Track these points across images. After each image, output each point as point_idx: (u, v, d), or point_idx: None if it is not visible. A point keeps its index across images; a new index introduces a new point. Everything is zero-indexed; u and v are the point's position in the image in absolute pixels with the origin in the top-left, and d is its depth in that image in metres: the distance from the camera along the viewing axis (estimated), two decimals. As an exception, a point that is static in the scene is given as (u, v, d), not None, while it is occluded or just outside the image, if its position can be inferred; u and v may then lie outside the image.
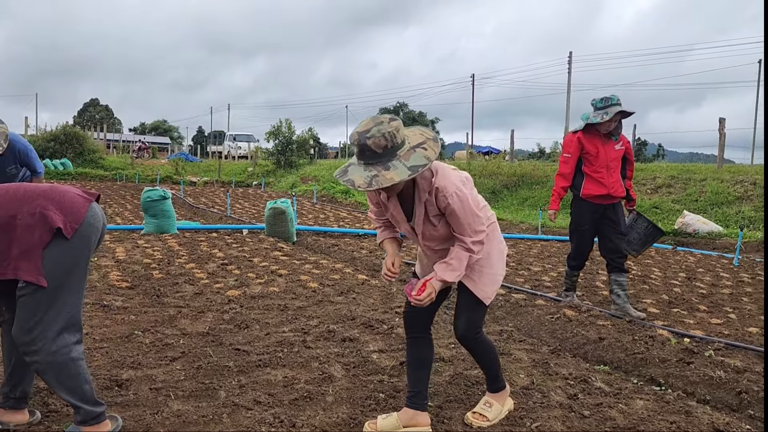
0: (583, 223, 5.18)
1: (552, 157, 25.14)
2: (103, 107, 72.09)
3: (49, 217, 2.33)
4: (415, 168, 2.38)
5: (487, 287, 2.76)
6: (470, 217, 2.57)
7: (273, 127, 27.87)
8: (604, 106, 4.94)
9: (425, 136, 2.51)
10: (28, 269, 2.29)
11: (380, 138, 2.36)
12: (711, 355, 3.91)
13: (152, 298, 5.17)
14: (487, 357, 2.91)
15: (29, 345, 2.33)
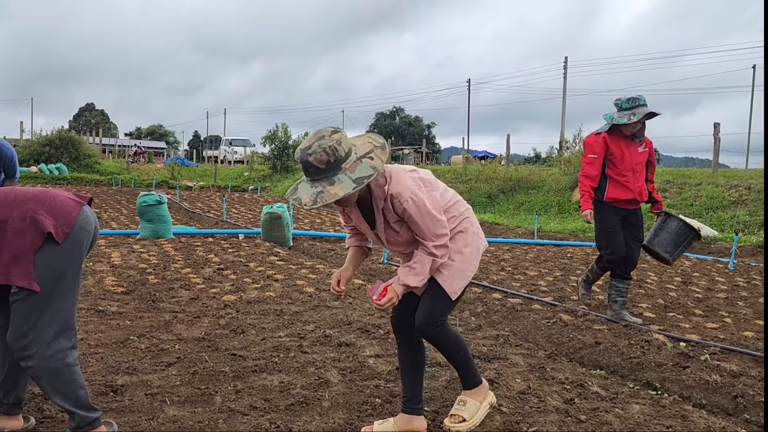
0: (611, 224, 4.93)
1: (548, 162, 25.18)
2: (99, 112, 71.99)
3: (40, 221, 2.31)
4: (360, 180, 2.35)
5: (454, 282, 2.66)
6: (429, 222, 2.51)
7: (269, 132, 27.92)
8: (630, 106, 4.76)
9: (373, 144, 2.47)
10: (19, 275, 2.28)
11: (321, 153, 2.33)
12: (707, 360, 3.92)
13: (148, 303, 5.15)
14: (455, 351, 2.78)
15: (23, 350, 2.32)
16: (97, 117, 67.87)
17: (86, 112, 70.98)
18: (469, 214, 2.76)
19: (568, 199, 15.92)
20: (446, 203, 2.66)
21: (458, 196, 2.77)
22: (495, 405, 2.96)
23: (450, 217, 2.65)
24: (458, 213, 2.69)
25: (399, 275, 2.59)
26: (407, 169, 2.62)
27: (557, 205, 15.83)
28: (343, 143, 2.38)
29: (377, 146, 2.46)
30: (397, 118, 67.48)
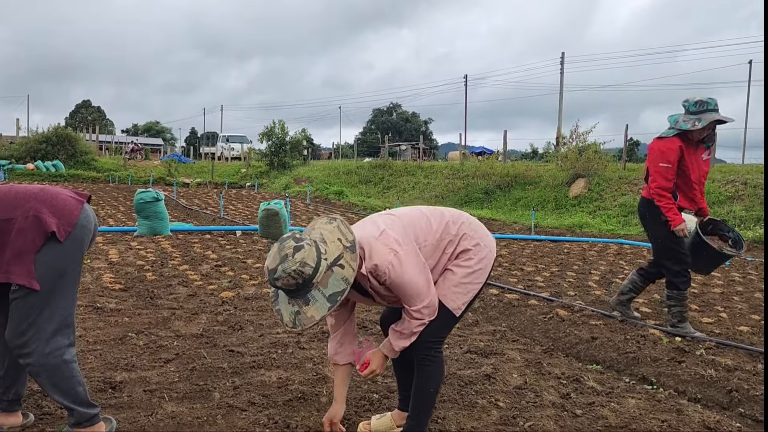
0: (679, 239, 4.48)
1: (545, 158, 25.21)
2: (95, 108, 71.75)
3: (43, 220, 2.31)
4: (334, 297, 2.22)
5: (457, 297, 2.51)
6: (409, 286, 2.36)
7: (266, 128, 27.87)
8: (697, 110, 4.35)
9: (342, 244, 2.28)
10: (20, 273, 2.28)
11: (287, 278, 2.19)
12: (702, 354, 3.95)
13: (146, 300, 5.16)
14: (432, 385, 2.52)
15: (22, 348, 2.33)
16: (94, 114, 67.63)
17: (83, 109, 70.73)
18: (467, 229, 2.56)
19: (565, 194, 15.96)
20: (436, 235, 2.50)
21: (447, 215, 2.59)
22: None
23: (447, 242, 2.52)
24: (453, 234, 2.53)
25: (390, 339, 2.50)
26: (378, 231, 2.41)
27: (554, 201, 15.87)
28: (309, 258, 2.19)
29: (347, 247, 2.28)
30: (394, 114, 67.42)
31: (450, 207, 2.85)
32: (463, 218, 2.61)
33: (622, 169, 16.97)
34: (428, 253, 2.48)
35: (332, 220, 2.39)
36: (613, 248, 9.79)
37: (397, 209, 2.64)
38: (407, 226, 2.48)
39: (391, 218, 2.51)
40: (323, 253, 2.25)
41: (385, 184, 21.98)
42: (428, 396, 2.52)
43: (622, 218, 13.54)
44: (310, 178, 23.89)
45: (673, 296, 4.52)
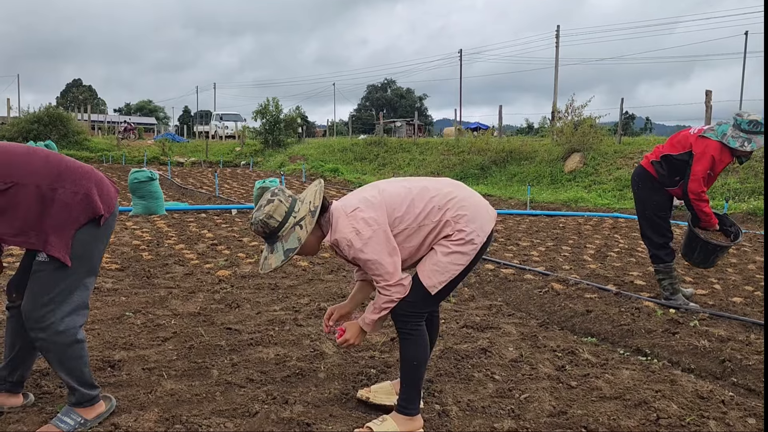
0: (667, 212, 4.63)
1: (540, 132, 25.14)
2: (87, 88, 71.07)
3: (94, 201, 2.35)
4: (288, 253, 2.39)
5: (434, 275, 2.48)
6: (371, 265, 2.42)
7: (260, 106, 27.67)
8: (750, 130, 4.25)
9: (309, 207, 2.42)
10: (58, 245, 2.28)
11: (257, 225, 2.42)
12: (696, 326, 3.99)
13: (142, 279, 5.17)
14: (411, 358, 2.53)
15: (38, 321, 2.32)
16: (85, 93, 66.96)
17: (74, 89, 70.05)
18: (452, 214, 2.49)
19: (561, 169, 15.96)
20: (417, 219, 2.48)
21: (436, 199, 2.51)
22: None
23: (429, 228, 2.48)
24: (435, 220, 2.49)
25: (365, 311, 2.57)
26: (351, 207, 2.46)
27: (549, 176, 15.87)
28: (277, 213, 2.39)
29: (311, 211, 2.42)
30: (388, 90, 67.00)
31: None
32: (453, 200, 2.51)
33: (617, 143, 16.95)
34: (407, 235, 2.49)
35: (317, 183, 2.54)
36: (608, 222, 9.83)
37: (388, 183, 2.62)
38: (387, 206, 2.48)
39: (374, 194, 2.52)
40: (295, 211, 2.42)
41: (381, 161, 21.92)
42: (412, 369, 2.54)
43: (617, 192, 13.57)
44: (305, 156, 23.80)
45: (660, 270, 4.59)
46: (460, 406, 2.82)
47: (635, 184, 4.76)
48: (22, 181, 2.24)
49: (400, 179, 2.69)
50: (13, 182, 2.22)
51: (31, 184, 2.26)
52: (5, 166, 2.24)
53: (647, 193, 4.62)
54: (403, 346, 2.56)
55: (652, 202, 4.60)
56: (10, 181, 2.22)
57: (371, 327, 2.58)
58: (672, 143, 4.56)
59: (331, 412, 2.72)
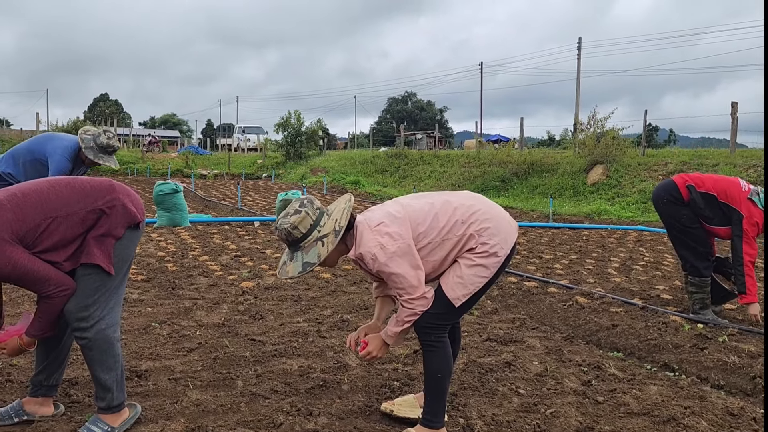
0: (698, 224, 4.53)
1: (562, 144, 24.98)
2: (113, 102, 72.37)
3: (130, 210, 2.53)
4: (306, 266, 2.41)
5: (457, 288, 2.49)
6: (395, 279, 2.41)
7: (282, 119, 27.91)
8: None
9: (335, 227, 2.43)
10: (101, 256, 2.44)
11: (279, 232, 2.45)
12: (725, 341, 3.91)
13: (167, 290, 5.23)
14: (435, 371, 2.53)
15: (83, 321, 2.44)
16: (111, 107, 68.14)
17: (100, 103, 71.35)
18: (476, 227, 2.50)
19: (583, 181, 15.83)
20: (441, 233, 2.48)
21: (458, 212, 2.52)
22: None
23: (454, 241, 2.49)
24: (459, 234, 2.49)
25: (388, 324, 2.56)
26: (376, 221, 2.46)
27: (572, 188, 15.75)
28: (302, 225, 2.41)
29: (335, 231, 2.43)
30: (409, 102, 67.19)
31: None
32: (478, 214, 2.52)
33: (641, 155, 16.78)
34: (431, 249, 2.50)
35: (348, 201, 2.53)
36: (632, 235, 9.71)
37: (411, 199, 2.63)
38: (411, 220, 2.49)
39: (398, 209, 2.52)
40: (321, 225, 2.44)
41: (401, 173, 21.95)
42: (436, 381, 2.54)
43: (641, 205, 13.41)
44: (327, 168, 23.93)
45: (695, 283, 4.49)
46: (485, 420, 2.79)
47: (659, 198, 4.65)
48: (59, 214, 2.40)
49: (422, 194, 2.70)
50: (51, 217, 2.38)
51: (68, 213, 2.41)
52: (39, 205, 2.38)
53: (675, 208, 4.53)
54: (427, 358, 2.55)
55: (681, 215, 4.51)
56: (49, 217, 2.38)
57: (394, 340, 2.58)
58: (718, 186, 4.45)
59: (355, 425, 2.71)
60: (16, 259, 2.28)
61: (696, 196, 4.45)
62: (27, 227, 2.32)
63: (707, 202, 4.43)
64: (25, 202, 2.35)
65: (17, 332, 2.44)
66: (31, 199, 2.37)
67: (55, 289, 2.38)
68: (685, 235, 4.53)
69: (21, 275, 2.31)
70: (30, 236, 2.33)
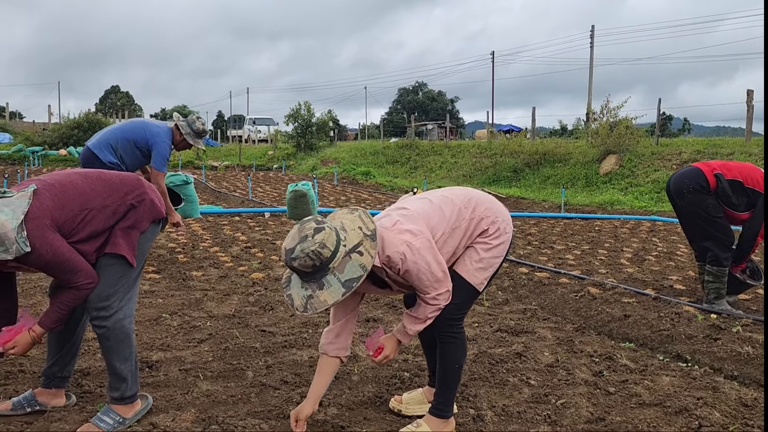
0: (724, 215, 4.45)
1: (575, 134, 24.78)
2: (124, 94, 72.69)
3: (156, 206, 2.61)
4: (350, 283, 2.20)
5: (479, 273, 2.52)
6: (423, 275, 2.35)
7: (292, 110, 27.90)
8: None
9: (363, 232, 2.28)
10: (126, 247, 2.50)
11: (305, 258, 2.17)
12: (739, 331, 3.87)
13: (178, 281, 5.25)
14: (456, 361, 2.52)
15: (103, 310, 2.48)
16: (123, 99, 68.54)
17: (112, 95, 71.73)
18: (480, 211, 2.54)
19: (596, 171, 15.71)
20: (449, 223, 2.49)
21: (458, 201, 2.55)
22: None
23: (463, 228, 2.50)
24: (467, 219, 2.51)
25: (404, 323, 2.50)
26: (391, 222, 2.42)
27: (584, 178, 15.63)
28: (329, 241, 2.20)
29: (367, 236, 2.28)
30: (420, 93, 66.92)
31: (477, 187, 2.81)
32: (475, 199, 2.57)
33: (654, 144, 16.61)
34: (444, 240, 2.48)
35: (353, 210, 2.40)
36: (645, 225, 9.63)
37: (409, 203, 2.59)
38: (421, 217, 2.46)
39: (404, 211, 2.50)
40: (342, 240, 2.25)
41: (412, 164, 21.90)
42: (453, 372, 2.53)
43: (655, 194, 13.28)
44: (337, 159, 23.92)
45: (713, 272, 4.42)
46: (495, 410, 2.78)
47: (684, 187, 4.47)
48: (94, 206, 2.45)
49: (411, 198, 2.67)
50: (87, 209, 2.43)
51: (102, 205, 2.47)
52: (77, 197, 2.43)
53: (700, 196, 4.39)
54: (447, 350, 2.52)
55: (707, 205, 4.38)
56: (86, 209, 2.43)
57: (410, 339, 2.55)
58: (744, 172, 4.39)
59: (365, 415, 2.71)
60: (57, 246, 2.31)
61: (725, 183, 4.35)
62: (66, 217, 2.37)
63: (734, 188, 4.36)
64: (63, 193, 2.40)
65: (18, 331, 2.43)
66: (69, 190, 2.42)
67: (84, 280, 2.41)
68: (710, 224, 4.42)
69: (57, 263, 2.33)
70: (68, 226, 2.37)
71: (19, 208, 2.24)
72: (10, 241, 2.19)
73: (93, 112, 31.67)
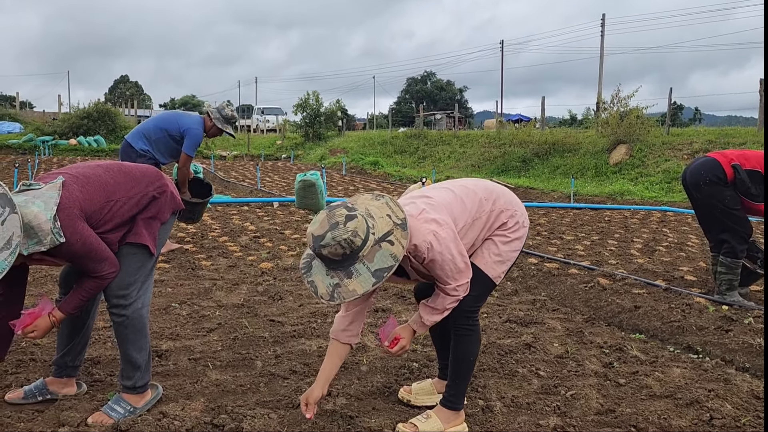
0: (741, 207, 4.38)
1: (584, 124, 24.61)
2: (133, 84, 72.85)
3: (176, 198, 2.68)
4: (381, 273, 2.14)
5: (497, 266, 2.52)
6: (447, 265, 2.32)
7: (300, 100, 27.86)
8: None
9: (393, 221, 2.21)
10: (147, 237, 2.54)
11: (336, 246, 2.09)
12: (750, 323, 3.83)
13: (187, 271, 5.26)
14: (470, 354, 2.51)
15: (122, 299, 2.50)
16: (132, 89, 68.70)
17: (121, 85, 71.91)
18: (501, 204, 2.54)
19: (606, 161, 15.60)
20: (471, 214, 2.47)
21: (480, 192, 2.54)
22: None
23: (483, 220, 2.50)
24: (488, 211, 2.51)
25: (421, 313, 2.46)
26: (417, 210, 2.37)
27: (594, 168, 15.53)
28: (360, 229, 2.12)
29: (398, 225, 2.20)
30: (428, 82, 66.60)
31: (486, 177, 2.79)
32: (496, 192, 2.57)
33: (665, 134, 16.47)
34: (465, 231, 2.46)
35: (379, 197, 2.31)
36: (656, 216, 9.56)
37: (431, 191, 2.56)
38: (444, 207, 2.44)
39: (427, 200, 2.46)
40: (371, 227, 2.17)
41: (420, 153, 21.83)
42: (467, 364, 2.52)
43: (665, 185, 13.19)
44: (345, 149, 23.89)
45: (726, 263, 4.36)
46: (504, 402, 2.77)
47: (700, 178, 4.37)
48: (119, 198, 2.49)
49: (431, 187, 2.65)
50: (113, 201, 2.46)
51: (126, 197, 2.51)
52: (102, 189, 2.46)
53: (717, 188, 4.31)
54: (462, 342, 2.51)
55: (725, 197, 4.30)
56: (111, 200, 2.46)
57: (426, 330, 2.53)
58: (762, 161, 4.29)
59: (374, 405, 2.71)
60: (86, 236, 2.33)
61: (743, 174, 4.26)
62: (93, 208, 2.39)
63: (753, 178, 4.26)
64: (89, 185, 2.42)
65: (38, 315, 2.45)
66: (94, 182, 2.44)
67: (109, 269, 2.43)
68: (727, 217, 4.34)
69: (86, 253, 2.34)
70: (95, 217, 2.39)
71: (51, 200, 2.25)
72: (45, 233, 2.20)
73: (102, 102, 31.73)
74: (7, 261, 2.10)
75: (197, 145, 5.53)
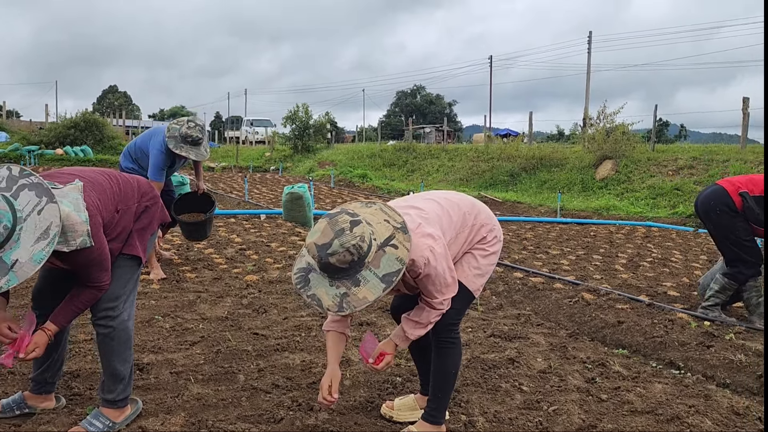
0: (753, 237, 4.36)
1: (571, 139, 24.81)
2: (122, 94, 72.60)
3: (165, 210, 2.72)
4: (389, 278, 2.10)
5: (477, 279, 2.54)
6: (439, 280, 2.32)
7: (290, 112, 27.89)
8: None
9: (392, 225, 2.19)
10: (139, 247, 2.55)
11: (345, 253, 2.05)
12: (732, 339, 3.87)
13: (172, 283, 5.23)
14: (451, 367, 2.52)
15: (111, 310, 2.47)
16: (120, 99, 68.46)
17: (109, 95, 71.64)
18: (482, 218, 2.57)
19: (592, 176, 15.73)
20: (456, 227, 2.49)
21: (463, 206, 2.57)
22: None
23: (466, 233, 2.52)
24: (470, 225, 2.53)
25: (404, 328, 2.42)
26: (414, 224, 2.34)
27: (581, 183, 15.65)
28: (366, 234, 2.10)
29: (398, 228, 2.18)
30: (418, 96, 66.97)
31: (473, 191, 2.82)
32: (477, 206, 2.63)
33: (651, 150, 16.64)
34: (450, 244, 2.48)
35: (370, 204, 2.30)
36: (641, 231, 9.64)
37: (418, 201, 2.56)
38: (435, 221, 2.44)
39: (420, 212, 2.45)
40: (370, 228, 2.15)
41: (409, 167, 21.89)
42: (449, 377, 2.53)
43: (650, 200, 13.31)
44: (334, 162, 23.90)
45: (723, 283, 4.37)
46: (487, 417, 2.77)
47: (711, 209, 4.37)
48: (123, 207, 2.51)
49: (415, 196, 2.65)
50: (120, 210, 2.48)
51: (128, 207, 2.54)
52: (111, 198, 2.45)
53: (729, 219, 4.30)
54: (444, 356, 2.52)
55: (737, 228, 4.28)
56: (118, 210, 2.47)
57: (408, 344, 2.51)
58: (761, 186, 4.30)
59: (356, 420, 2.70)
60: (104, 243, 2.32)
61: (751, 202, 4.23)
62: (107, 216, 2.39)
63: (760, 205, 4.24)
64: (103, 192, 2.42)
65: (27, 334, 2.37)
66: (106, 189, 2.45)
67: (107, 280, 2.41)
68: (739, 247, 4.31)
69: (98, 261, 2.31)
70: (108, 227, 2.39)
71: (78, 202, 2.19)
72: (77, 234, 2.13)
73: (90, 111, 31.57)
74: (45, 251, 2.03)
75: (160, 168, 5.09)
